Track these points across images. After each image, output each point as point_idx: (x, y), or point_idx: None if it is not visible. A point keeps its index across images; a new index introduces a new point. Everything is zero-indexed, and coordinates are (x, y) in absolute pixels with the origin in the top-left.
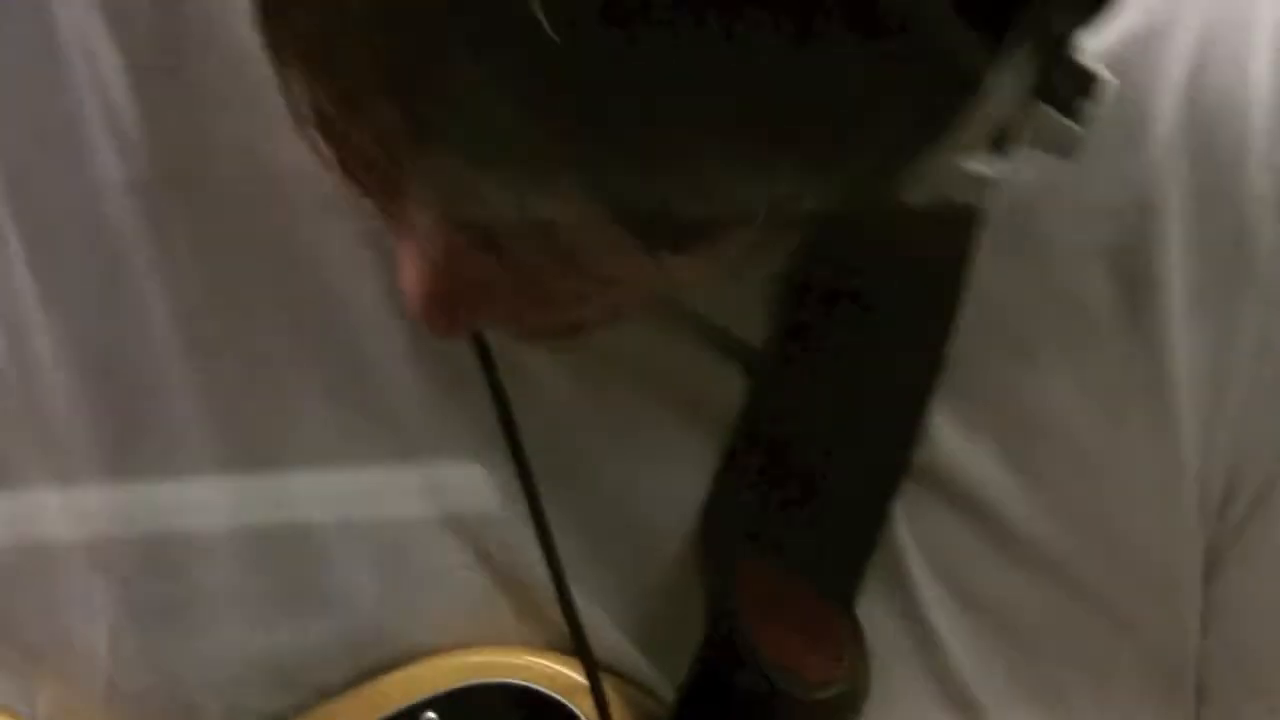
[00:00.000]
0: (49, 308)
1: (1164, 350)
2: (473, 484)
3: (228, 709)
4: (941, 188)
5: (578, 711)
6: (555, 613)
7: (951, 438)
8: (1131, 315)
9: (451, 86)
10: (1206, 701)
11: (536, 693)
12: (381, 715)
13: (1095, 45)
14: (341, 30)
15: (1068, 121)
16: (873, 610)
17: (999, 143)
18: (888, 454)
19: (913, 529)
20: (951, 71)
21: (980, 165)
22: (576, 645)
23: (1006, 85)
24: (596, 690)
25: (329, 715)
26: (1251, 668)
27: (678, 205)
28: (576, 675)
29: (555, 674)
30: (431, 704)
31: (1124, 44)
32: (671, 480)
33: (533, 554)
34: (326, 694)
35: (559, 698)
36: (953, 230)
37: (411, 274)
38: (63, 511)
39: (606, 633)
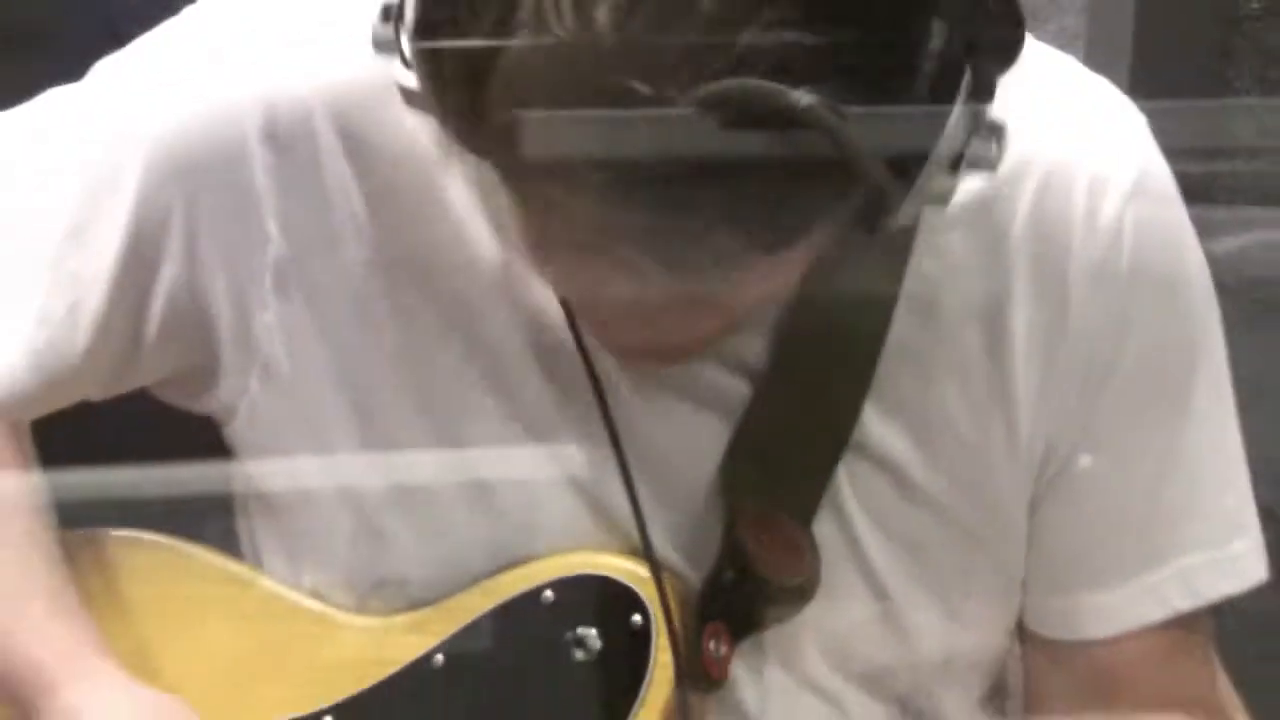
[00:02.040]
0: (321, 340)
1: (1012, 373)
2: (580, 452)
3: (421, 587)
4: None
5: (642, 595)
6: (631, 532)
7: (877, 425)
8: (991, 352)
9: (687, 237)
10: (1028, 593)
11: (615, 581)
12: (516, 593)
13: (970, 188)
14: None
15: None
16: (823, 531)
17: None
18: (836, 434)
19: (850, 481)
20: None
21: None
22: (645, 552)
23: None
24: (658, 581)
25: (483, 591)
26: (1057, 572)
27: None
28: (642, 571)
29: (628, 571)
30: (549, 586)
31: (993, 187)
32: (698, 449)
33: (616, 496)
34: (477, 580)
35: (631, 585)
36: (879, 298)
37: (619, 333)
38: (324, 468)
39: (660, 546)
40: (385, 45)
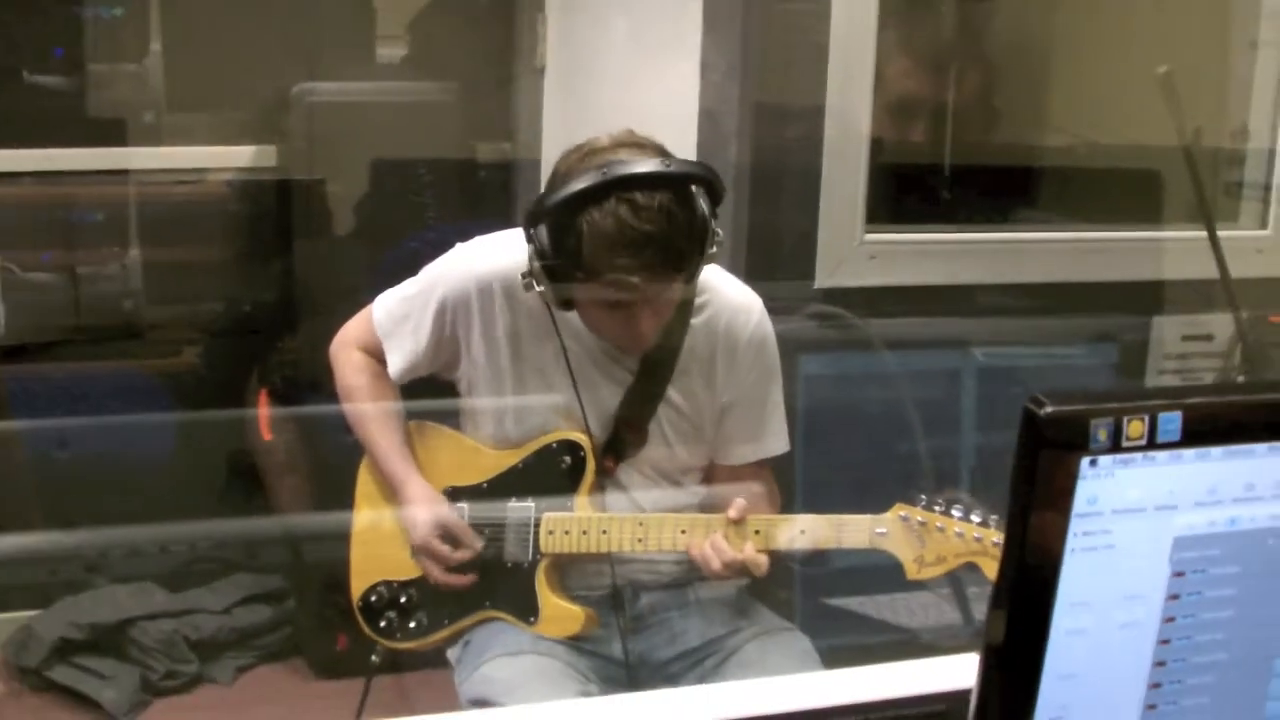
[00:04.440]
0: (487, 356)
1: (716, 376)
2: (565, 393)
3: (515, 440)
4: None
5: (584, 444)
6: (581, 424)
7: (672, 391)
8: (710, 365)
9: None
10: (715, 447)
11: (575, 440)
12: (543, 444)
13: (702, 303)
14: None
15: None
16: (650, 429)
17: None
18: (658, 393)
19: (662, 411)
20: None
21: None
22: (586, 430)
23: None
24: (590, 439)
25: (533, 443)
26: (726, 441)
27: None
28: (585, 438)
29: (580, 437)
30: (553, 441)
31: (733, 307)
32: (611, 396)
33: (577, 411)
34: (532, 439)
35: (580, 440)
36: (679, 334)
37: (641, 325)
38: (488, 401)
39: (593, 430)
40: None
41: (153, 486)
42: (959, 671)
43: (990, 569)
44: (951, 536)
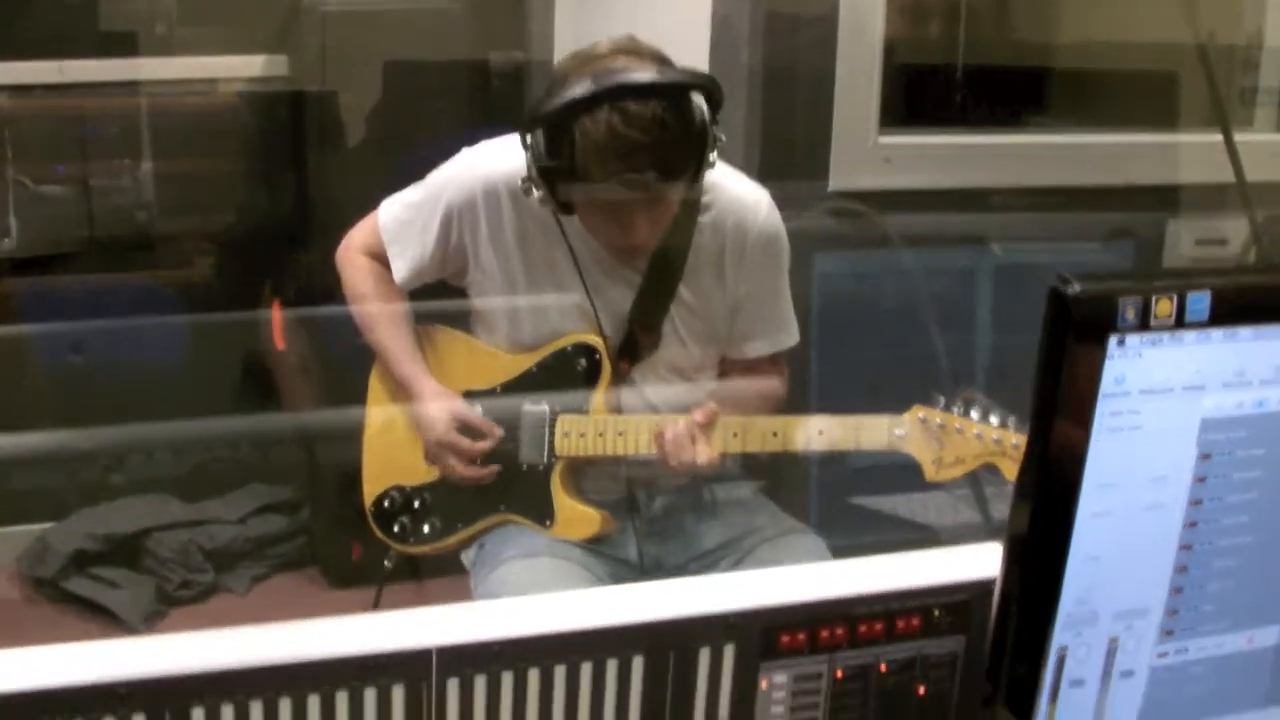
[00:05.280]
0: (495, 258)
1: (724, 273)
2: (578, 296)
3: (528, 343)
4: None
5: (600, 346)
6: (595, 327)
7: (683, 289)
8: (719, 263)
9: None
10: (727, 344)
11: (589, 342)
12: (558, 346)
13: (709, 201)
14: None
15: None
16: (663, 329)
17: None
18: (669, 292)
19: (674, 310)
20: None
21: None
22: (600, 333)
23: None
24: (605, 341)
25: (546, 346)
26: (738, 335)
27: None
28: (600, 340)
29: (595, 339)
30: (569, 344)
31: (740, 203)
32: (622, 298)
33: (589, 314)
34: (546, 343)
35: (596, 343)
36: (687, 233)
37: (637, 229)
38: (498, 301)
39: (607, 332)
40: (529, 179)
41: (166, 394)
42: (981, 561)
43: (1009, 470)
44: (970, 438)
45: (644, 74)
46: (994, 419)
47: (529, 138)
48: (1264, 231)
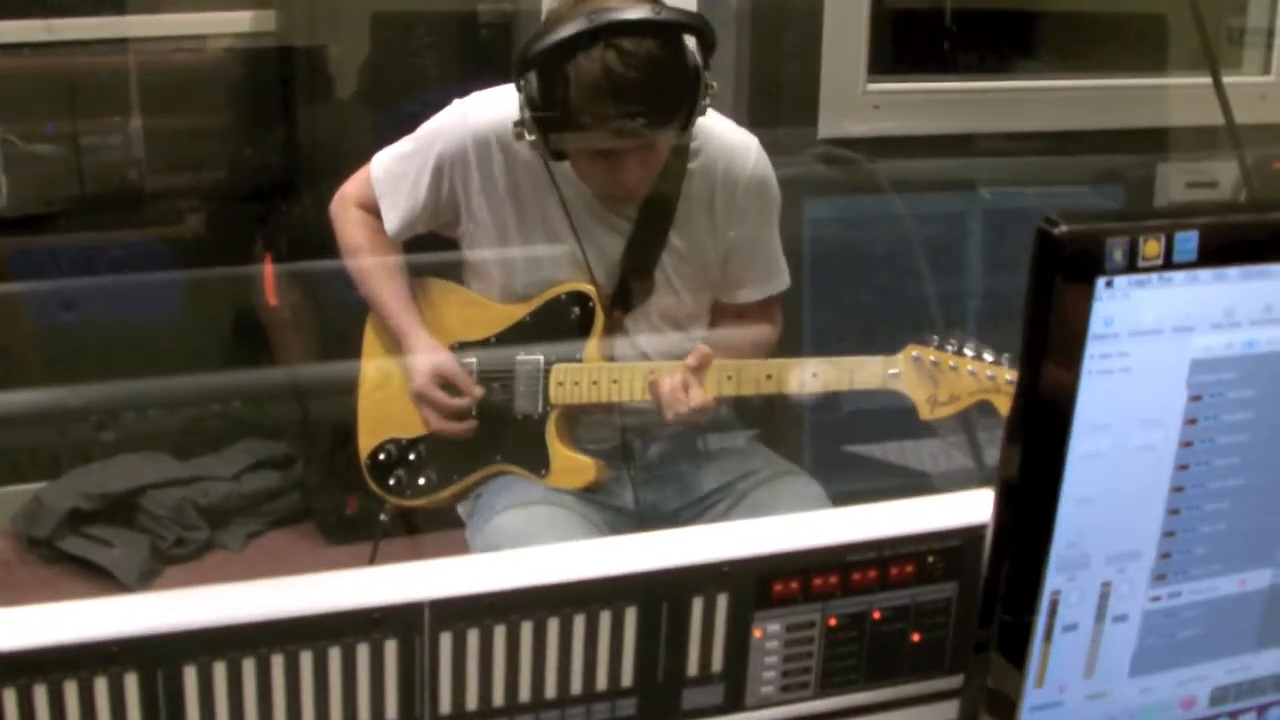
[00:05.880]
0: (487, 209)
1: (715, 217)
2: (569, 244)
3: (521, 292)
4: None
5: (593, 294)
6: (586, 275)
7: (674, 236)
8: (711, 207)
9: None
10: (718, 289)
11: (583, 290)
12: (552, 295)
13: (698, 148)
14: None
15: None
16: (655, 276)
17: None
18: (660, 239)
19: (666, 257)
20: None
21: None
22: (592, 281)
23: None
24: (598, 290)
25: (539, 296)
26: (730, 280)
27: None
28: (592, 288)
29: (588, 286)
30: (562, 293)
31: (730, 149)
32: (613, 245)
33: (580, 262)
34: (539, 292)
35: (589, 291)
36: (676, 179)
37: (629, 175)
38: (491, 251)
39: (599, 280)
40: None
41: (159, 351)
42: (972, 507)
43: (1003, 406)
44: (964, 375)
45: (639, 12)
46: (987, 356)
47: (521, 80)
48: (1254, 173)
